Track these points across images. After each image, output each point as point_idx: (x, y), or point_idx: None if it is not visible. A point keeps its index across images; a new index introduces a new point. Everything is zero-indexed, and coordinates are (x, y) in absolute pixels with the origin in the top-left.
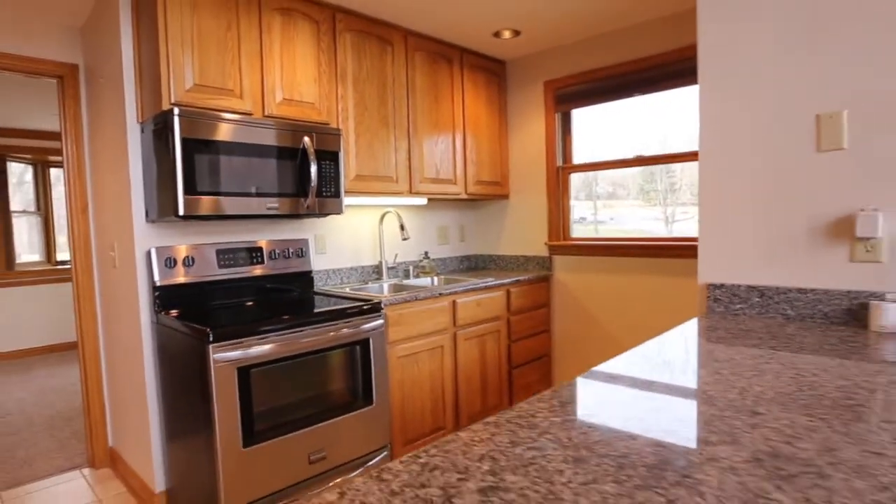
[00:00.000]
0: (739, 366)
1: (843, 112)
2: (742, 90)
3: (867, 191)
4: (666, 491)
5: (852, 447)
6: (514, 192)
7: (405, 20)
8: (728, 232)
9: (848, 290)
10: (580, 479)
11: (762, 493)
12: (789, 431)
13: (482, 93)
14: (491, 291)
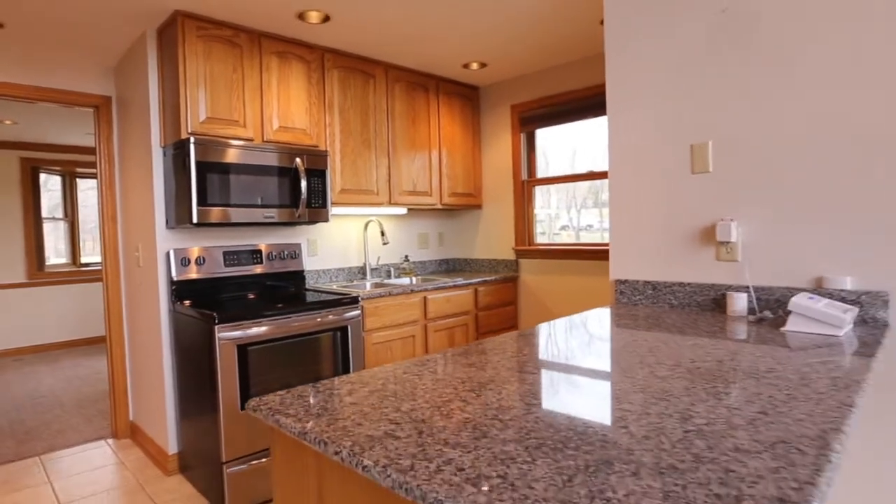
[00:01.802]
0: (633, 338)
1: (709, 142)
2: (638, 122)
3: (726, 204)
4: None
5: (693, 373)
6: (486, 203)
7: (385, 56)
8: (631, 238)
9: (713, 284)
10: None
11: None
12: (659, 372)
13: (457, 115)
14: (460, 290)
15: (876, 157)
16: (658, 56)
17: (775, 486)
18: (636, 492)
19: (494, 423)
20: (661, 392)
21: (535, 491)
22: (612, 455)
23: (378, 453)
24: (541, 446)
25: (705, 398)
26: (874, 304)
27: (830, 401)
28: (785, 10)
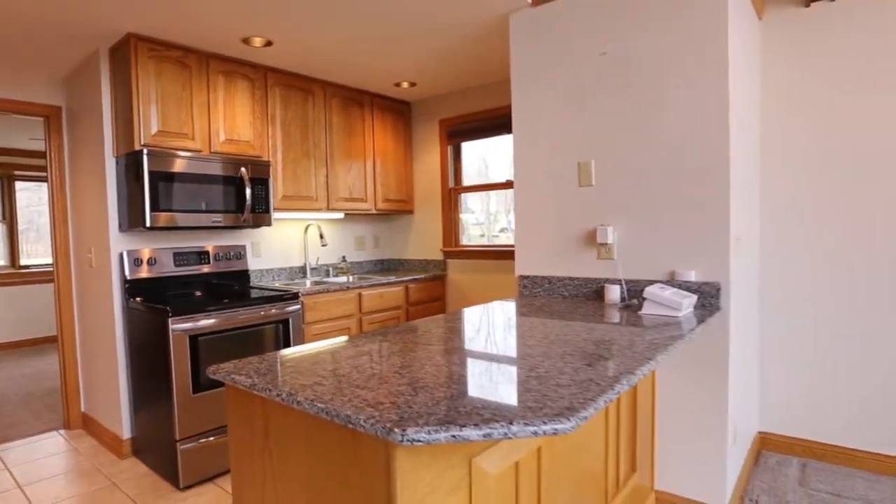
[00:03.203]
0: (518, 321)
1: (592, 161)
2: (538, 142)
3: (605, 212)
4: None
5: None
6: (417, 208)
7: (323, 75)
8: (532, 239)
9: (595, 278)
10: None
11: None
12: (539, 348)
13: (389, 128)
14: (392, 287)
15: (709, 180)
16: (554, 88)
17: (568, 402)
18: (477, 407)
19: (395, 375)
20: (523, 354)
21: (413, 409)
22: (463, 389)
23: (308, 393)
24: (424, 387)
25: (552, 357)
26: (710, 292)
27: (638, 357)
28: (647, 55)
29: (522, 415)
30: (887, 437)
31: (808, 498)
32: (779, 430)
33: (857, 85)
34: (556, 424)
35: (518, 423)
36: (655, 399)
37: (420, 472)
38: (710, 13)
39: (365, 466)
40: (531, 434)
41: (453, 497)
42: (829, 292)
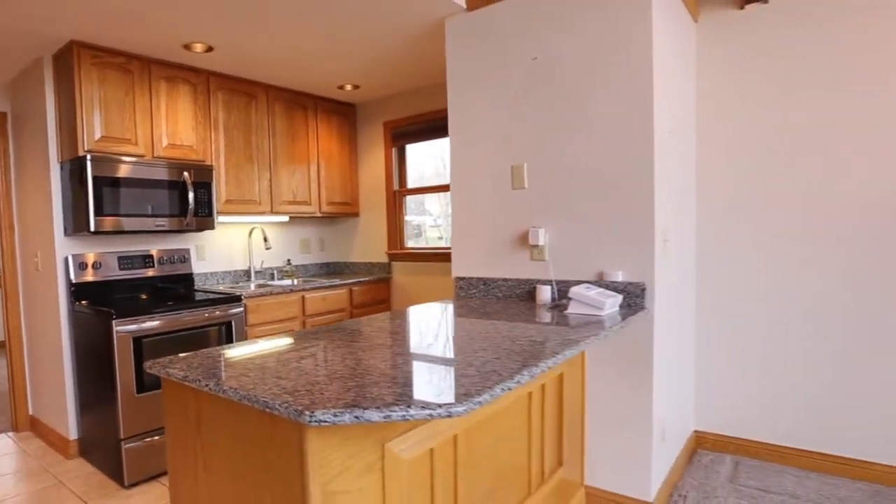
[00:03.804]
0: (467, 322)
1: (524, 164)
2: (473, 143)
3: (537, 214)
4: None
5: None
6: (363, 211)
7: (266, 79)
8: (468, 241)
9: (528, 279)
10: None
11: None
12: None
13: (334, 130)
14: (336, 289)
15: (634, 183)
16: (488, 91)
17: (466, 389)
18: (383, 394)
19: (315, 368)
20: (440, 350)
21: (324, 395)
22: (376, 379)
23: (233, 383)
24: (340, 378)
25: (467, 352)
26: (636, 292)
27: (547, 352)
28: (575, 61)
29: (421, 399)
30: (816, 436)
31: (735, 494)
32: (714, 429)
33: (792, 85)
34: (451, 408)
35: (415, 406)
36: (585, 395)
37: (332, 453)
38: (634, 20)
39: (281, 448)
40: (427, 416)
41: (365, 478)
42: (763, 294)
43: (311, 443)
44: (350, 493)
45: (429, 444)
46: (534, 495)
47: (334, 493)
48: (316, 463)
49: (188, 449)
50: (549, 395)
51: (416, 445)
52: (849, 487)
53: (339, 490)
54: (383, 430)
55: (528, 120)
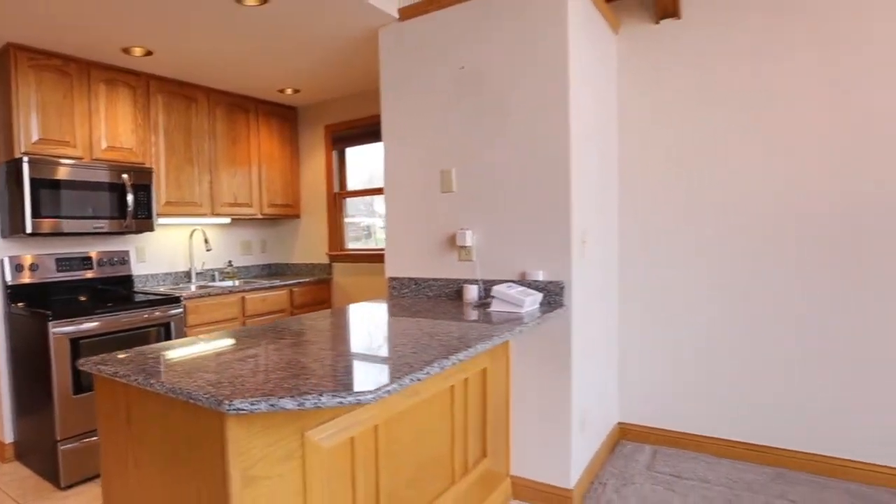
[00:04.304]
0: (394, 320)
1: (453, 169)
2: (405, 151)
3: (465, 217)
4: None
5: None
6: (304, 213)
7: (207, 82)
8: (401, 243)
9: (456, 279)
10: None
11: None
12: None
13: (276, 133)
14: (276, 290)
15: (552, 187)
16: (419, 99)
17: (376, 379)
18: (300, 384)
19: (240, 362)
20: (362, 345)
21: (245, 386)
22: (297, 372)
23: (161, 377)
24: (263, 371)
25: (387, 347)
26: (555, 290)
27: (461, 345)
28: (499, 71)
29: (333, 389)
30: (727, 424)
31: (651, 480)
32: (636, 420)
33: (702, 96)
34: (360, 396)
35: (327, 394)
36: (509, 389)
37: (253, 440)
38: (550, 32)
39: (205, 437)
40: (337, 403)
41: (286, 465)
42: (681, 291)
43: (232, 430)
44: (271, 479)
45: (349, 434)
46: (457, 485)
47: (255, 478)
48: (236, 449)
49: (119, 445)
50: (472, 389)
51: (337, 434)
52: (755, 472)
53: (260, 475)
54: (304, 419)
55: (456, 126)
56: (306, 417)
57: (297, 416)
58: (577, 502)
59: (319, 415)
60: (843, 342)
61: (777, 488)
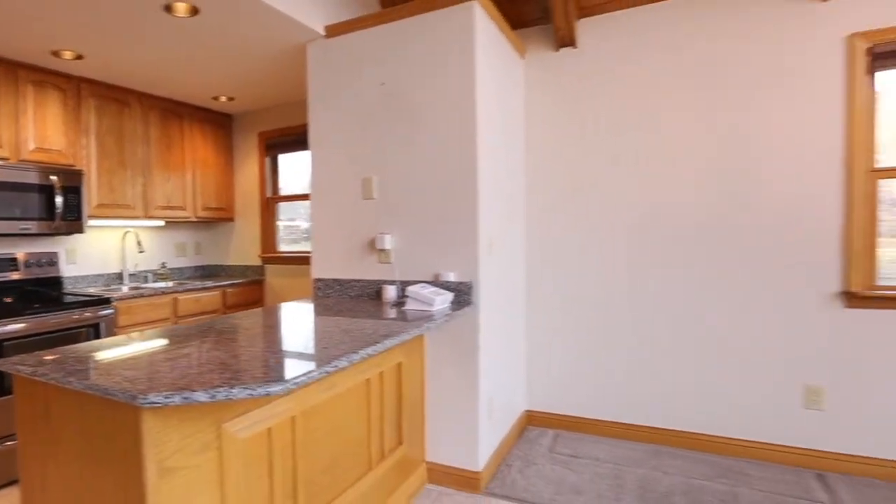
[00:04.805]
0: (316, 319)
1: (374, 177)
2: (331, 159)
3: (385, 222)
4: None
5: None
6: (238, 216)
7: (140, 87)
8: (326, 246)
9: (376, 280)
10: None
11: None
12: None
13: (210, 139)
14: (209, 291)
15: (461, 195)
16: (344, 111)
17: (286, 372)
18: (214, 378)
19: (161, 360)
20: (280, 341)
21: (162, 381)
22: (214, 367)
23: (80, 376)
24: (183, 367)
25: (304, 343)
26: (465, 290)
27: (370, 341)
28: (415, 88)
29: (245, 382)
30: (618, 409)
31: (551, 460)
32: (542, 408)
33: (595, 117)
34: (269, 388)
35: (238, 387)
36: (424, 381)
37: (169, 432)
38: (459, 52)
39: (122, 431)
40: (248, 395)
41: (202, 456)
42: (578, 292)
43: (147, 423)
44: (187, 469)
45: (267, 425)
46: (374, 471)
47: (171, 469)
48: (151, 441)
49: (39, 445)
50: (387, 382)
51: (254, 426)
52: (639, 449)
53: (176, 466)
54: (221, 412)
55: (377, 138)
56: (224, 410)
57: (214, 408)
58: (485, 483)
59: (236, 407)
60: (706, 334)
61: (654, 462)
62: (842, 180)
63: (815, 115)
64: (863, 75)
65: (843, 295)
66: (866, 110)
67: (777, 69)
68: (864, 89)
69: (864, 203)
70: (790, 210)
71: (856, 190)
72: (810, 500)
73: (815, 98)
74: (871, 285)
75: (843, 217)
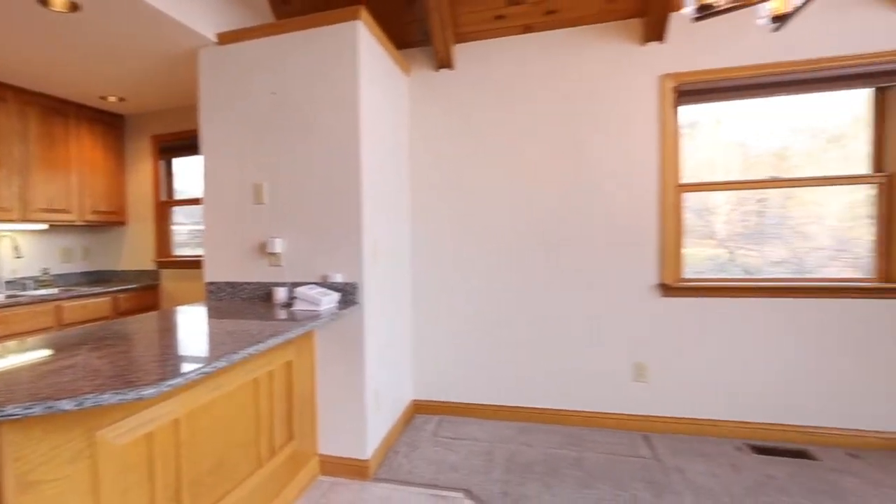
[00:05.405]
0: (202, 322)
1: (264, 183)
2: (222, 162)
3: (275, 226)
4: None
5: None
6: (131, 220)
7: (17, 82)
8: (218, 250)
9: (267, 282)
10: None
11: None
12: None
13: (100, 140)
14: (97, 298)
15: (347, 201)
16: (235, 117)
17: (161, 375)
18: (86, 386)
19: (31, 370)
20: (166, 345)
21: (24, 392)
22: (86, 374)
23: None
24: (52, 374)
25: (187, 345)
26: (351, 290)
27: (253, 341)
28: (304, 100)
29: (117, 387)
30: (493, 393)
31: (434, 444)
32: (428, 396)
33: (469, 131)
34: (142, 392)
35: (109, 393)
36: (315, 378)
37: (33, 445)
38: (345, 66)
39: None
40: (119, 401)
41: (74, 466)
42: (456, 289)
43: (6, 436)
44: (56, 481)
45: (147, 429)
46: (264, 467)
47: (35, 483)
48: (11, 455)
49: None
50: (277, 380)
51: (133, 431)
52: (510, 427)
53: (41, 479)
54: (95, 419)
55: (268, 144)
56: (98, 417)
57: (86, 416)
58: (373, 470)
59: (113, 413)
60: (556, 323)
61: (522, 438)
62: (657, 194)
63: (638, 140)
64: (670, 109)
65: (660, 286)
66: (673, 137)
67: (611, 101)
68: (672, 120)
69: (672, 212)
70: (623, 218)
71: (667, 201)
72: (637, 456)
73: (638, 126)
74: (678, 278)
75: (659, 223)
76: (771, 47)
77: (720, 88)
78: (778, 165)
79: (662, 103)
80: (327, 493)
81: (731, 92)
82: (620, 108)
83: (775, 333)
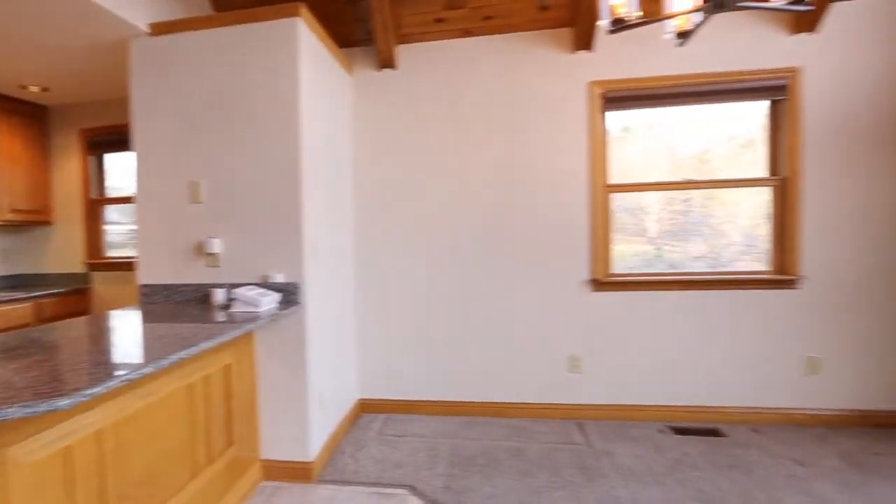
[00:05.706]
0: (134, 326)
1: (201, 181)
2: (156, 159)
3: (213, 226)
4: None
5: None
6: (58, 220)
7: None
8: (152, 251)
9: (205, 284)
10: None
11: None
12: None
13: (19, 132)
14: (16, 304)
15: (287, 201)
16: (172, 113)
17: (76, 385)
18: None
19: None
20: (86, 352)
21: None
22: (13, 385)
23: None
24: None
25: (110, 350)
26: (292, 290)
27: (187, 344)
28: (243, 99)
29: (25, 400)
30: (438, 389)
31: (380, 442)
32: (374, 395)
33: (412, 129)
34: (55, 403)
35: (16, 406)
36: (256, 381)
37: None
38: (285, 65)
39: None
40: (29, 414)
41: None
42: (400, 289)
43: None
44: None
45: (64, 443)
46: (202, 474)
47: None
48: None
49: None
50: (214, 384)
51: (48, 446)
52: (454, 422)
53: None
54: (5, 435)
55: (204, 141)
56: (7, 433)
57: None
58: (318, 472)
59: (23, 428)
60: (496, 320)
61: (465, 432)
62: (587, 194)
63: (569, 143)
64: (599, 114)
65: (591, 282)
66: (602, 140)
67: (545, 105)
68: (600, 125)
69: (602, 211)
70: (557, 217)
71: (597, 201)
72: (571, 443)
73: (569, 130)
74: (607, 274)
75: (590, 222)
76: (682, 60)
77: (641, 96)
78: (700, 168)
79: (591, 108)
80: (270, 498)
81: (652, 100)
82: (553, 112)
83: (692, 323)
